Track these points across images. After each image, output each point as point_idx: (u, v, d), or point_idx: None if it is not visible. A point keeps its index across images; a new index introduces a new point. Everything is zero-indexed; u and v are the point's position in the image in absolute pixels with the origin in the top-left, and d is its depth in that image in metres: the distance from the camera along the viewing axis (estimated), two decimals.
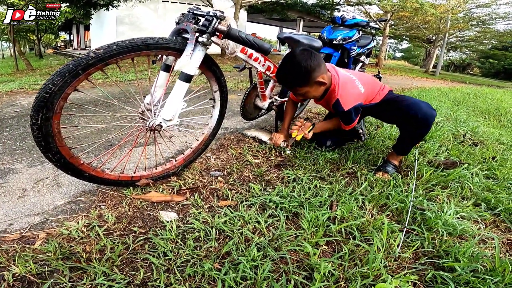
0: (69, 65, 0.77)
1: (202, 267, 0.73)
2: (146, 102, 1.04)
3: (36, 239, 0.78)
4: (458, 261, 0.80)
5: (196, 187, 1.11)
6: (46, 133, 0.80)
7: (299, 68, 1.15)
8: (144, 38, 0.87)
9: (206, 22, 0.94)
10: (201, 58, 0.99)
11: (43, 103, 0.76)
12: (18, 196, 0.99)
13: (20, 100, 2.61)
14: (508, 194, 1.34)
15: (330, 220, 0.98)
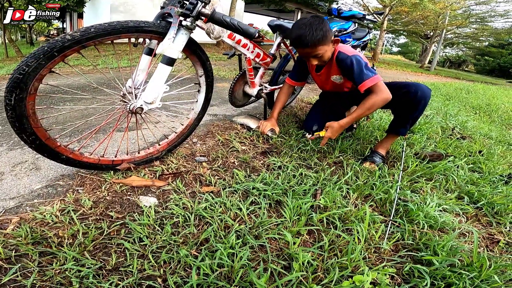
0: (44, 47, 0.74)
1: (178, 254, 0.70)
2: (128, 86, 0.98)
3: (8, 223, 0.74)
4: (437, 255, 0.78)
5: (179, 172, 1.07)
6: (20, 114, 0.76)
7: (320, 28, 1.16)
8: (125, 21, 0.83)
9: (190, 5, 0.88)
10: (185, 41, 0.94)
11: (17, 84, 0.72)
12: None
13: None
14: (492, 188, 1.32)
15: (313, 209, 0.95)
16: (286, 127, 1.67)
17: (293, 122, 1.85)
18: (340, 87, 1.44)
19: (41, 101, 1.92)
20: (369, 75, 1.21)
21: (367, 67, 1.24)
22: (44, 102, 1.90)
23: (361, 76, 1.21)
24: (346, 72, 1.28)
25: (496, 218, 1.12)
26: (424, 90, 1.24)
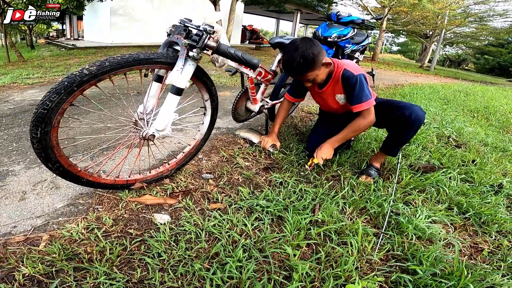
0: (64, 82, 0.82)
1: (193, 267, 0.82)
2: (139, 111, 1.10)
3: (40, 241, 0.86)
4: (422, 264, 0.91)
5: (188, 190, 1.20)
6: (45, 146, 0.85)
7: (307, 55, 1.21)
8: (136, 54, 0.93)
9: (196, 37, 0.99)
10: (192, 71, 1.04)
11: (42, 119, 0.81)
12: (19, 199, 1.06)
13: (13, 96, 2.63)
14: (481, 198, 1.45)
15: (312, 224, 1.08)
16: (287, 141, 1.80)
17: (294, 135, 1.98)
18: (342, 108, 1.50)
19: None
20: (367, 98, 1.30)
21: (368, 88, 1.33)
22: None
23: (360, 98, 1.30)
24: (348, 89, 1.35)
25: (482, 227, 1.25)
26: (419, 113, 1.32)
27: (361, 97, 1.30)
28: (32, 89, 2.96)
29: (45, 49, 8.91)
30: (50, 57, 6.43)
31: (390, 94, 4.25)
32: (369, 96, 1.31)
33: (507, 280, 0.91)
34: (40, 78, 3.61)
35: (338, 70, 1.36)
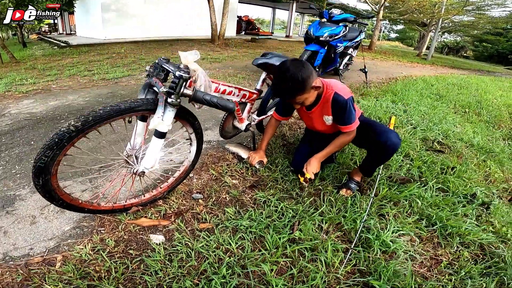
0: (55, 138, 0.94)
1: (184, 283, 1.01)
2: (128, 149, 1.24)
3: (55, 261, 1.05)
4: (381, 279, 1.09)
5: (180, 211, 1.38)
6: (48, 190, 1.01)
7: (297, 78, 1.26)
8: (116, 105, 1.02)
9: (173, 84, 1.07)
10: (172, 116, 1.13)
11: (41, 170, 0.95)
12: (30, 223, 1.24)
13: (9, 108, 2.76)
14: (451, 209, 1.63)
15: (290, 241, 1.26)
16: (274, 155, 1.97)
17: (281, 147, 2.15)
18: (327, 129, 1.63)
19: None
20: (354, 119, 1.47)
21: (354, 110, 1.47)
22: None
23: (349, 119, 1.46)
24: (338, 112, 1.46)
25: (447, 239, 1.43)
26: (394, 141, 1.47)
27: (350, 119, 1.46)
28: (26, 99, 3.09)
29: (38, 47, 8.92)
30: (43, 56, 6.50)
31: (383, 92, 4.38)
32: (355, 118, 1.48)
33: None
34: (33, 85, 3.73)
35: (327, 93, 1.46)
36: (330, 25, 4.08)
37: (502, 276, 1.20)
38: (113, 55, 6.30)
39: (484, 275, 1.22)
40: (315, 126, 1.68)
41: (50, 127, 2.26)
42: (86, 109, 2.74)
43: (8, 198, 1.40)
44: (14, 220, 1.25)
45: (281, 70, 1.30)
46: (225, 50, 7.67)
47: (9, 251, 1.09)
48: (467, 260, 1.30)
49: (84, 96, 3.21)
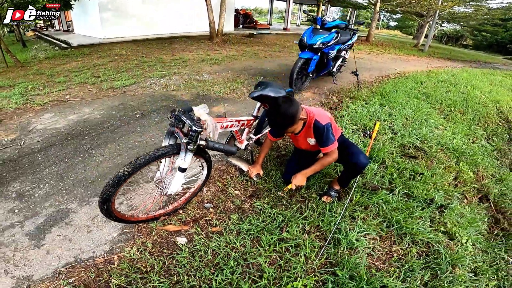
0: (115, 179, 1.38)
1: (204, 272, 1.48)
2: (158, 175, 1.70)
3: (113, 260, 1.52)
4: (344, 269, 1.56)
5: (196, 218, 1.85)
6: (109, 211, 1.49)
7: (287, 116, 1.68)
8: (153, 153, 1.46)
9: (191, 135, 1.49)
10: (191, 156, 1.57)
11: (105, 200, 1.42)
12: (87, 231, 1.71)
13: (33, 123, 3.18)
14: (409, 213, 2.09)
15: (279, 240, 1.73)
16: (269, 167, 2.43)
17: (275, 159, 2.60)
18: (311, 148, 2.04)
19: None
20: (331, 142, 1.82)
21: (332, 134, 1.84)
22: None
23: (327, 142, 1.83)
24: (317, 136, 1.85)
25: (402, 238, 1.90)
26: (362, 162, 1.90)
27: (327, 142, 1.82)
28: (46, 113, 3.51)
29: (38, 47, 9.22)
30: (47, 59, 6.85)
31: (372, 94, 4.76)
32: (333, 140, 1.83)
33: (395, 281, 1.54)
34: (48, 95, 4.13)
35: (310, 120, 1.85)
36: (323, 32, 4.46)
37: (436, 270, 1.67)
38: (115, 58, 6.65)
39: (424, 268, 1.68)
40: (301, 146, 2.13)
41: (77, 144, 2.70)
42: (104, 123, 3.17)
43: (62, 211, 1.87)
44: (73, 230, 1.72)
45: (275, 108, 1.71)
46: (224, 49, 8.00)
47: (78, 255, 1.57)
48: (413, 256, 1.77)
49: (98, 108, 3.63)
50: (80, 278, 1.44)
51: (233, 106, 3.88)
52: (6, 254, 1.55)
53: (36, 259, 1.53)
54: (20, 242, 1.63)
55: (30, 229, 1.71)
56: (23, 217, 1.80)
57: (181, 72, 5.40)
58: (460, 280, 1.61)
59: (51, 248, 1.60)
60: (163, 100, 3.97)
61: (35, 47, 9.35)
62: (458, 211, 2.25)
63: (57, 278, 1.44)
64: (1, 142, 2.74)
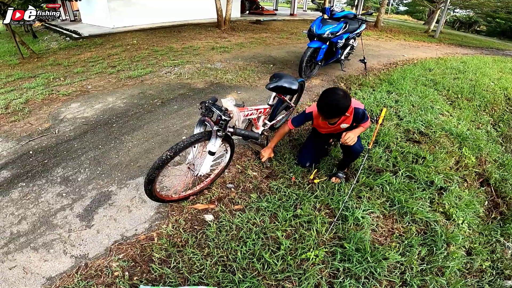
0: (159, 162, 1.56)
1: (231, 245, 1.70)
2: (189, 158, 1.89)
3: (153, 237, 1.75)
4: (350, 242, 1.77)
5: (220, 198, 2.06)
6: (151, 192, 1.70)
7: (343, 105, 1.81)
8: (189, 139, 1.64)
9: (221, 125, 1.68)
10: (220, 142, 1.75)
11: (150, 181, 1.63)
12: (128, 211, 1.94)
13: (62, 112, 3.39)
14: (410, 194, 2.26)
15: (294, 216, 1.94)
16: (282, 151, 2.61)
17: (288, 143, 2.78)
18: (338, 130, 2.17)
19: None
20: (366, 119, 2.07)
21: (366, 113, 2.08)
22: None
23: (365, 119, 2.06)
24: (357, 119, 2.06)
25: (403, 217, 2.07)
26: (356, 150, 2.13)
27: (366, 118, 2.07)
28: (73, 102, 3.71)
29: (48, 37, 9.34)
30: (61, 50, 7.00)
31: (379, 81, 4.84)
32: (367, 118, 2.08)
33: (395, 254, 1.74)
34: (70, 86, 4.32)
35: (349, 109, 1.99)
36: (332, 22, 4.49)
37: (432, 246, 1.86)
38: (127, 47, 6.77)
39: (421, 245, 1.87)
40: (323, 131, 2.27)
41: (108, 131, 2.91)
42: (129, 111, 3.37)
43: (105, 193, 2.10)
44: (117, 210, 1.95)
45: (330, 98, 1.82)
46: (232, 36, 8.02)
47: (124, 233, 1.80)
48: (413, 233, 1.95)
49: (120, 97, 3.82)
50: (128, 254, 1.67)
51: (246, 93, 4.03)
52: (62, 235, 1.77)
53: (89, 239, 1.76)
54: (72, 223, 1.86)
55: (79, 211, 1.94)
56: (71, 200, 2.03)
57: (193, 61, 5.52)
58: (454, 257, 1.80)
59: (100, 227, 1.83)
60: (179, 89, 4.13)
61: (46, 38, 9.47)
62: (457, 194, 2.40)
63: (109, 255, 1.66)
64: (36, 130, 2.96)
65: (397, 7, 38.35)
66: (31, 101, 3.77)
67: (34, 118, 3.29)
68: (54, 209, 1.96)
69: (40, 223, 1.83)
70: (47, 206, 1.97)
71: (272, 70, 5.13)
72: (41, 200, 2.02)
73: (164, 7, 10.11)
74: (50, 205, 1.98)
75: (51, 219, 1.87)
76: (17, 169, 2.32)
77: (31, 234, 1.76)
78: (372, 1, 31.50)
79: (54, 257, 1.63)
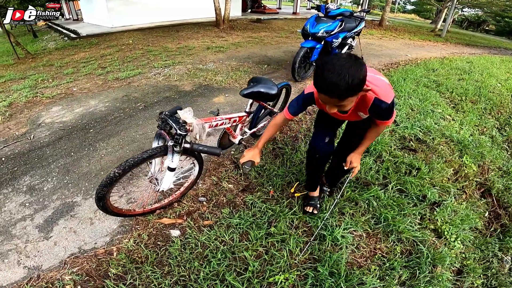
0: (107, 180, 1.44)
1: (194, 264, 1.60)
2: (150, 172, 1.79)
3: (113, 251, 1.66)
4: (325, 266, 1.65)
5: (190, 212, 1.96)
6: (105, 207, 1.59)
7: (357, 76, 1.06)
8: (141, 155, 1.52)
9: (177, 138, 1.54)
10: (178, 157, 1.64)
11: (100, 198, 1.51)
12: (89, 224, 1.86)
13: (42, 117, 3.35)
14: (399, 210, 2.12)
15: (267, 234, 1.83)
16: (263, 161, 2.50)
17: (270, 152, 2.66)
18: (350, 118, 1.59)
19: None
20: (390, 116, 1.43)
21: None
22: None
23: (387, 117, 1.42)
24: (378, 112, 1.38)
25: (388, 235, 1.94)
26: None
27: (387, 117, 1.43)
28: (55, 106, 3.67)
29: (49, 38, 9.41)
30: (56, 50, 7.02)
31: None
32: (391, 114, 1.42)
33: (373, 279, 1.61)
34: (56, 88, 4.29)
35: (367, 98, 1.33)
36: (326, 20, 4.37)
37: (415, 268, 1.72)
38: (122, 47, 6.74)
39: (404, 267, 1.74)
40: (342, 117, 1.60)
41: (83, 138, 2.84)
42: (109, 116, 3.30)
43: (68, 204, 2.02)
44: (78, 222, 1.87)
45: (335, 65, 1.07)
46: (230, 36, 7.94)
47: (82, 246, 1.72)
48: (396, 254, 1.81)
49: (103, 101, 3.76)
50: (83, 267, 1.59)
51: (234, 96, 3.92)
52: (18, 245, 1.72)
53: (45, 250, 1.70)
54: (31, 234, 1.79)
55: (39, 222, 1.88)
56: (33, 210, 1.96)
57: (185, 61, 5.45)
58: (439, 280, 1.66)
59: (58, 239, 1.76)
60: (165, 91, 4.05)
61: (46, 38, 9.55)
62: (452, 208, 2.25)
63: (63, 268, 1.60)
64: (12, 136, 2.91)
65: (404, 6, 37.92)
66: (14, 104, 3.74)
67: (14, 122, 3.25)
68: (14, 219, 1.89)
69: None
70: (8, 216, 1.91)
71: (265, 71, 5.03)
72: (4, 209, 1.96)
73: (164, 6, 10.12)
74: (12, 215, 1.92)
75: (10, 229, 1.82)
76: None
77: None
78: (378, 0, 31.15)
79: (7, 267, 1.60)
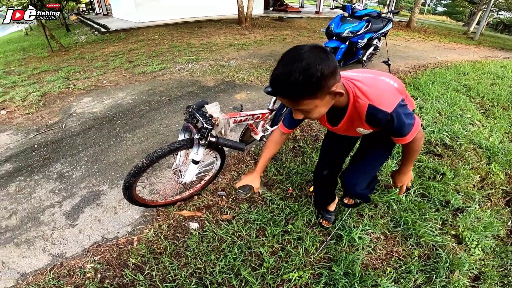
0: (135, 170, 1.50)
1: (210, 257, 1.64)
2: (175, 164, 1.85)
3: (133, 241, 1.74)
4: (340, 265, 1.64)
5: (209, 205, 2.00)
6: (130, 197, 1.66)
7: (312, 72, 0.84)
8: (169, 147, 1.57)
9: (203, 132, 1.57)
10: (203, 151, 1.69)
11: (127, 187, 1.57)
12: (114, 213, 1.95)
13: (73, 107, 3.53)
14: (420, 214, 2.07)
15: (284, 232, 1.84)
16: (283, 158, 2.50)
17: (291, 150, 2.65)
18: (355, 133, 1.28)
19: None
20: (410, 127, 1.07)
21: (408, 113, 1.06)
22: None
23: (403, 131, 1.06)
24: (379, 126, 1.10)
25: (407, 239, 1.90)
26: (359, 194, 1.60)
27: (403, 131, 1.07)
28: (85, 97, 3.85)
29: (80, 31, 9.86)
30: (88, 44, 7.34)
31: (405, 84, 4.55)
32: (411, 124, 1.07)
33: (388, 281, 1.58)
34: (87, 80, 4.50)
35: (358, 103, 1.05)
36: (352, 21, 4.27)
37: (432, 273, 1.67)
38: (148, 42, 6.94)
39: (420, 271, 1.69)
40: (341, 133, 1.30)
41: (111, 128, 2.97)
42: (135, 108, 3.42)
43: (95, 193, 2.12)
44: (103, 211, 1.97)
45: (292, 54, 0.88)
46: (252, 33, 7.95)
47: (105, 234, 1.81)
48: (414, 258, 1.76)
49: (131, 93, 3.90)
50: (105, 256, 1.67)
51: (255, 93, 3.94)
52: (45, 232, 1.82)
53: (70, 238, 1.79)
54: (58, 221, 1.90)
55: (67, 209, 1.99)
56: (62, 197, 2.08)
57: (208, 58, 5.52)
58: (455, 286, 1.60)
59: (83, 227, 1.86)
60: (189, 86, 4.14)
61: (78, 31, 10.00)
62: (476, 215, 2.17)
63: (85, 256, 1.68)
64: (45, 124, 3.09)
65: (434, 7, 36.18)
66: (48, 95, 3.96)
67: (47, 111, 3.44)
68: (44, 205, 2.01)
69: (28, 219, 1.88)
70: (38, 202, 2.03)
71: None
72: (34, 195, 2.09)
73: (188, 3, 10.29)
74: (41, 201, 2.04)
75: (39, 215, 1.93)
76: (20, 162, 2.43)
77: (17, 229, 1.81)
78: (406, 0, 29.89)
79: (33, 254, 1.68)
